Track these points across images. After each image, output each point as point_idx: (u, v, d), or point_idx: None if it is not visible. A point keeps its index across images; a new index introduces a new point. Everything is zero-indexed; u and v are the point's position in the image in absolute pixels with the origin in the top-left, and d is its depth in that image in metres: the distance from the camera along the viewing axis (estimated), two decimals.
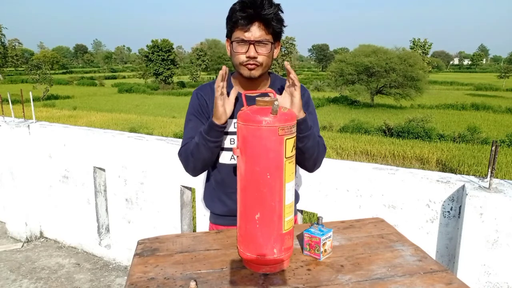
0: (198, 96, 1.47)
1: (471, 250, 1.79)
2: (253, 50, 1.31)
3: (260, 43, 1.31)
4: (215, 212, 1.56)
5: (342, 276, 1.11)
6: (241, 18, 1.28)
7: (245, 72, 1.35)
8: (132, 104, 34.10)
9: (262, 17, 1.28)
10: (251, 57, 1.31)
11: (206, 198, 1.59)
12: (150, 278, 1.09)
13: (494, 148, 1.83)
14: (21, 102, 3.74)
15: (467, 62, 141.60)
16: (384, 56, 34.67)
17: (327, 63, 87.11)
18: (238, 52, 1.33)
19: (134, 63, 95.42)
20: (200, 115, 1.45)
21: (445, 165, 15.96)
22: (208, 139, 1.34)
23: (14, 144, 3.58)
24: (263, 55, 1.33)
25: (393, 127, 21.43)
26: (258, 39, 1.30)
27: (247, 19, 1.28)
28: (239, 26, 1.29)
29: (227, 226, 1.51)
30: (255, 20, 1.28)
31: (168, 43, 53.30)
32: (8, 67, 74.16)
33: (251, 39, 1.30)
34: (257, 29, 1.29)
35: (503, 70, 61.25)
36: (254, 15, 1.27)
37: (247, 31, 1.29)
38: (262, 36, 1.30)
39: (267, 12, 1.27)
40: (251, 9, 1.27)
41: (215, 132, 1.33)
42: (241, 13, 1.27)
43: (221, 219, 1.54)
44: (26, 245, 3.68)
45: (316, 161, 1.45)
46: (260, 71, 1.36)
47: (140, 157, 2.99)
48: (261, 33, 1.30)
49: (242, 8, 1.28)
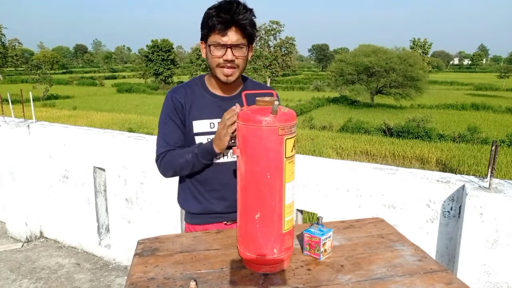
0: (173, 99, 1.49)
1: (471, 250, 1.79)
2: (230, 53, 1.36)
3: (237, 47, 1.36)
4: (190, 211, 1.57)
5: (342, 276, 1.11)
6: (218, 23, 1.32)
7: (221, 77, 1.41)
8: (132, 104, 34.09)
9: (238, 23, 1.33)
10: (229, 60, 1.36)
11: (180, 198, 1.61)
12: (150, 278, 1.09)
13: (494, 148, 1.83)
14: (21, 102, 3.74)
15: (467, 62, 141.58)
16: (384, 56, 34.65)
17: (327, 63, 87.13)
18: (215, 56, 1.37)
19: (134, 63, 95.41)
20: (175, 117, 1.48)
21: (445, 165, 15.96)
22: (203, 162, 1.41)
23: (14, 144, 3.58)
24: (240, 58, 1.38)
25: (393, 127, 21.43)
26: (235, 43, 1.35)
27: (224, 24, 1.32)
28: (216, 31, 1.34)
29: (204, 225, 1.53)
30: (232, 25, 1.33)
31: (168, 43, 53.28)
32: (8, 67, 74.14)
33: (228, 43, 1.35)
34: (234, 33, 1.35)
35: (503, 70, 61.20)
36: (230, 20, 1.32)
37: (224, 35, 1.34)
38: (239, 40, 1.36)
39: (242, 17, 1.33)
40: (228, 15, 1.32)
41: (211, 156, 1.41)
42: (218, 18, 1.32)
43: (197, 218, 1.55)
44: (26, 245, 3.68)
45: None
46: (237, 74, 1.42)
47: (140, 157, 2.99)
48: (238, 37, 1.35)
49: (218, 13, 1.32)
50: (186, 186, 1.57)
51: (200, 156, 1.40)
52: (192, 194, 1.54)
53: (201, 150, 1.40)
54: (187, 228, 1.61)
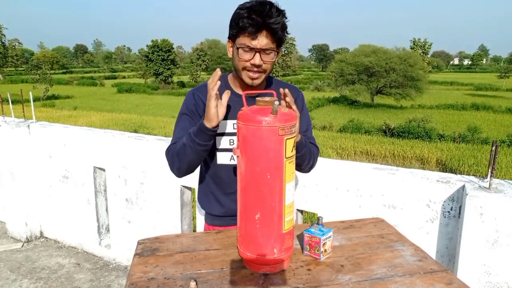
0: (194, 96, 1.45)
1: (471, 250, 1.79)
2: (259, 58, 1.30)
3: (266, 51, 1.30)
4: (212, 213, 1.55)
5: (342, 276, 1.11)
6: (249, 26, 1.26)
7: (247, 80, 1.36)
8: (132, 104, 34.09)
9: (269, 27, 1.26)
10: (256, 65, 1.31)
11: (201, 199, 1.59)
12: (150, 278, 1.09)
13: (494, 148, 1.83)
14: (21, 102, 3.74)
15: (467, 62, 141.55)
16: (384, 56, 34.66)
17: (327, 63, 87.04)
18: (243, 59, 1.32)
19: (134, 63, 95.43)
20: (194, 115, 1.44)
21: (445, 165, 15.96)
22: (197, 142, 1.30)
23: (14, 144, 3.58)
24: (267, 62, 1.33)
25: (393, 127, 21.43)
26: (264, 47, 1.29)
27: (254, 27, 1.26)
28: (246, 33, 1.28)
29: (224, 227, 1.51)
30: (263, 29, 1.27)
31: (168, 43, 53.27)
32: (8, 67, 74.12)
33: (257, 47, 1.29)
34: (264, 38, 1.28)
35: (503, 70, 61.18)
36: (262, 24, 1.25)
37: (254, 39, 1.28)
38: (268, 45, 1.30)
39: (274, 21, 1.26)
40: (260, 18, 1.25)
41: (204, 135, 1.29)
42: (249, 20, 1.25)
43: (218, 220, 1.54)
44: (26, 245, 3.68)
45: (311, 167, 1.52)
46: (262, 79, 1.37)
47: (140, 157, 2.99)
48: (268, 41, 1.29)
49: (249, 15, 1.25)
50: (207, 188, 1.54)
51: (194, 135, 1.30)
52: (214, 196, 1.52)
53: (193, 130, 1.32)
54: (206, 228, 1.61)
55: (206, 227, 1.61)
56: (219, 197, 1.51)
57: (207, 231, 1.44)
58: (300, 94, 1.53)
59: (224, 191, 1.49)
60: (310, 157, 1.44)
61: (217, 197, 1.52)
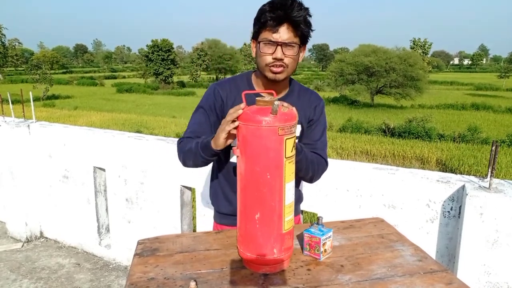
0: (215, 93, 1.43)
1: (471, 250, 1.79)
2: (280, 51, 1.29)
3: (288, 45, 1.29)
4: (220, 211, 1.56)
5: (342, 276, 1.11)
6: (270, 19, 1.26)
7: (269, 74, 1.34)
8: (132, 104, 34.09)
9: (291, 19, 1.26)
10: (278, 59, 1.30)
11: (212, 197, 1.60)
12: (150, 278, 1.09)
13: (494, 148, 1.83)
14: (21, 102, 3.74)
15: (467, 62, 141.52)
16: (384, 56, 34.66)
17: (327, 63, 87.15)
18: (264, 53, 1.31)
19: (134, 63, 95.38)
20: (211, 111, 1.42)
21: (445, 165, 15.96)
22: (201, 154, 1.31)
23: (14, 144, 3.58)
24: (289, 57, 1.31)
25: (393, 127, 21.43)
26: (286, 41, 1.29)
27: (276, 20, 1.26)
28: (267, 27, 1.27)
29: (233, 227, 1.50)
30: (284, 22, 1.27)
31: (168, 43, 53.28)
32: (8, 67, 74.11)
33: (279, 41, 1.28)
34: (286, 30, 1.28)
35: (503, 70, 61.18)
36: (283, 16, 1.25)
37: (275, 32, 1.27)
38: (290, 38, 1.29)
39: (296, 15, 1.26)
40: (281, 11, 1.25)
41: (209, 151, 1.29)
42: (271, 13, 1.25)
43: (226, 219, 1.54)
44: (26, 245, 3.68)
45: (312, 177, 1.46)
46: (285, 74, 1.35)
47: (140, 157, 2.99)
48: (290, 35, 1.28)
49: (271, 9, 1.26)
50: (218, 185, 1.55)
51: (200, 147, 1.31)
52: (223, 194, 1.53)
53: (202, 142, 1.32)
54: (215, 227, 1.61)
55: (214, 226, 1.62)
56: (228, 194, 1.51)
57: (206, 231, 1.44)
58: (321, 103, 1.50)
59: (234, 189, 1.49)
60: (308, 166, 1.37)
61: (226, 195, 1.52)
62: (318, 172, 1.45)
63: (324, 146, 1.49)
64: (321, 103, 1.50)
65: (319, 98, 1.51)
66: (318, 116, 1.47)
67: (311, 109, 1.47)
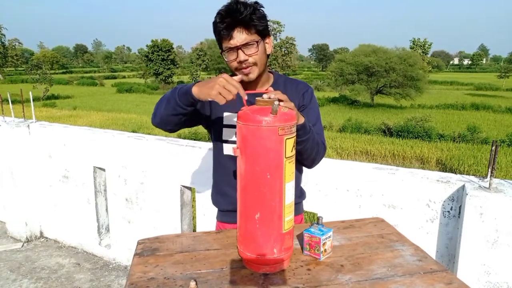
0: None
1: (471, 250, 1.79)
2: (242, 54, 1.34)
3: (247, 45, 1.33)
4: (220, 208, 1.57)
5: (342, 276, 1.11)
6: (222, 29, 1.32)
7: (243, 77, 1.37)
8: (132, 104, 34.08)
9: (241, 22, 1.31)
10: (242, 61, 1.35)
11: (212, 195, 1.61)
12: (150, 278, 1.09)
13: (494, 148, 1.83)
14: (21, 102, 3.74)
15: (467, 62, 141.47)
16: (384, 56, 34.64)
17: (327, 63, 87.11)
18: (230, 60, 1.37)
19: (134, 63, 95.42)
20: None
21: (445, 165, 15.96)
22: (177, 100, 1.29)
23: (14, 144, 3.58)
24: (253, 55, 1.35)
25: (392, 127, 21.43)
26: (244, 42, 1.33)
27: (228, 28, 1.31)
28: (223, 37, 1.33)
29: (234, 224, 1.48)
30: (235, 27, 1.31)
31: (168, 43, 53.25)
32: (8, 67, 74.13)
33: (237, 45, 1.33)
34: (239, 34, 1.32)
35: (503, 70, 61.13)
36: (232, 22, 1.31)
37: (231, 38, 1.32)
38: (247, 39, 1.33)
39: (244, 16, 1.30)
40: (229, 17, 1.30)
41: (188, 99, 1.27)
42: (221, 24, 1.31)
43: (227, 217, 1.55)
44: (26, 245, 3.68)
45: (314, 160, 1.47)
46: (257, 72, 1.39)
47: (140, 157, 2.99)
48: (245, 36, 1.33)
49: (221, 19, 1.32)
50: (215, 181, 1.58)
51: (178, 92, 1.29)
52: (220, 188, 1.55)
53: (182, 87, 1.31)
54: (217, 226, 1.61)
55: (217, 225, 1.62)
56: (224, 188, 1.52)
57: (206, 231, 1.44)
58: (310, 90, 1.53)
59: (229, 182, 1.50)
60: (313, 147, 1.38)
61: (223, 189, 1.53)
62: (319, 155, 1.47)
63: (320, 131, 1.50)
64: (310, 89, 1.53)
65: (306, 85, 1.53)
66: (308, 102, 1.49)
67: (300, 96, 1.50)
